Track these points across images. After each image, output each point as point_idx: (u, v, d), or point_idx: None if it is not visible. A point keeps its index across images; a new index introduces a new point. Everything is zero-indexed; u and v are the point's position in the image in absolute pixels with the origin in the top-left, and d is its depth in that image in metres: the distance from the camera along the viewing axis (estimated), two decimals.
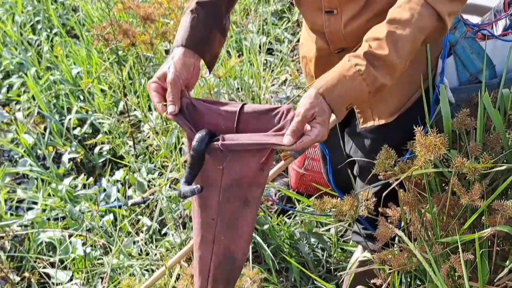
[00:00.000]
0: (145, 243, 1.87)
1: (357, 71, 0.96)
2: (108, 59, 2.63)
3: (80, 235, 1.89)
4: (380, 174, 1.12)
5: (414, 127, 1.09)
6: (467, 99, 1.17)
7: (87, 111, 2.56)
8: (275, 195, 2.03)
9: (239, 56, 2.82)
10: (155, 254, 1.83)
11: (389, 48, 0.96)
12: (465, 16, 1.24)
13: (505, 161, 1.07)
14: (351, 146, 1.35)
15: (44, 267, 1.87)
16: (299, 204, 1.96)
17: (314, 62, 1.31)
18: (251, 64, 2.62)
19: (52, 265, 1.84)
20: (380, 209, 1.20)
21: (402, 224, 1.18)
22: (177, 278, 1.54)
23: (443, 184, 1.15)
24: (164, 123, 2.36)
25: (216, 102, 1.09)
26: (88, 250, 1.83)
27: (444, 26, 0.98)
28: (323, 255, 1.84)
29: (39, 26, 3.26)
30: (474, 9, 1.28)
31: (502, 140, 1.06)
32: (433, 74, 1.17)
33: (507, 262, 1.06)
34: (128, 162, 2.22)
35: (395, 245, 1.24)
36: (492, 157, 1.02)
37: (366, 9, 1.14)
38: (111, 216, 1.97)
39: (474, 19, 1.29)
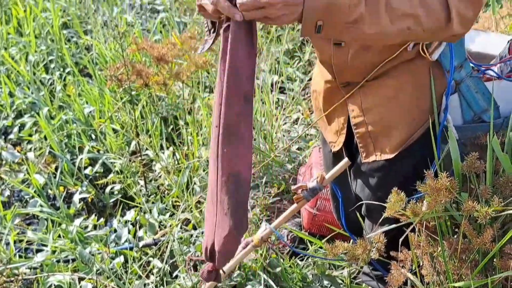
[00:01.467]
0: (156, 286, 1.91)
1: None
2: (121, 98, 2.73)
3: (90, 279, 1.94)
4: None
5: (418, 165, 1.15)
6: (471, 137, 1.21)
7: (98, 151, 2.65)
8: (288, 236, 2.07)
9: None
10: None
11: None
12: None
13: None
14: (356, 185, 1.40)
15: None
16: (311, 245, 2.00)
17: (322, 96, 1.38)
18: (263, 103, 2.70)
19: None
20: (391, 253, 1.24)
21: (413, 266, 1.21)
22: None
23: (454, 227, 1.19)
24: (176, 163, 2.44)
25: None
26: None
27: (449, 20, 0.99)
28: None
29: (52, 65, 3.39)
30: (480, 57, 1.33)
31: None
32: (438, 111, 1.21)
33: None
34: (139, 203, 2.28)
35: None
36: (502, 201, 1.07)
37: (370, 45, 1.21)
38: (121, 258, 2.02)
39: None
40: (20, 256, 2.17)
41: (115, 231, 2.20)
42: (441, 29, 1.01)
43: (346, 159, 1.40)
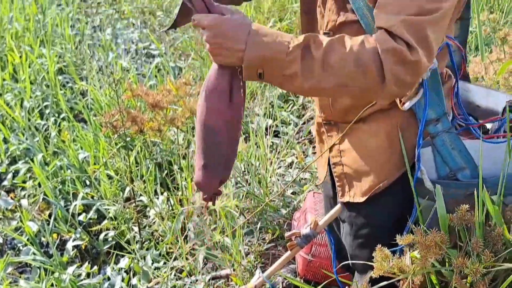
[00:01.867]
0: None
1: (292, 38, 1.00)
2: (116, 144, 2.77)
3: None
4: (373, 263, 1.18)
5: (392, 213, 1.17)
6: (445, 194, 1.17)
7: (92, 197, 2.66)
8: (282, 283, 2.07)
9: (245, 139, 2.95)
10: None
11: (321, 54, 0.99)
12: None
13: (506, 258, 1.12)
14: (343, 230, 1.42)
15: None
16: None
17: (315, 128, 1.43)
18: (257, 147, 2.74)
19: None
20: None
21: None
22: None
23: (442, 283, 1.19)
24: (170, 209, 2.45)
25: None
26: None
27: (383, 81, 0.98)
28: None
29: (47, 111, 3.44)
30: (491, 114, 1.33)
31: (503, 237, 1.11)
32: (411, 163, 1.21)
33: None
34: (133, 250, 2.29)
35: None
36: (494, 255, 1.07)
37: None
38: None
39: None
40: None
41: (109, 279, 2.20)
42: (377, 89, 0.99)
43: (339, 205, 1.42)
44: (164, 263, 2.22)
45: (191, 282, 2.04)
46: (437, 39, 1.01)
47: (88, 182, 2.79)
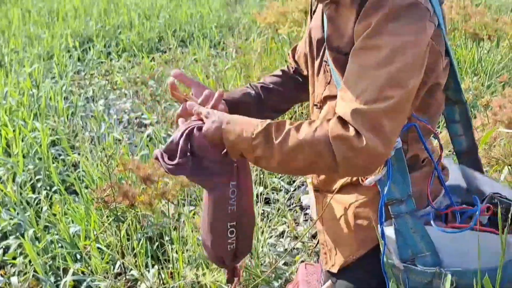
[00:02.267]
0: None
1: (258, 125, 1.11)
2: (107, 217, 2.80)
3: None
4: None
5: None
6: (407, 278, 1.17)
7: (83, 272, 2.67)
8: None
9: None
10: None
11: (279, 141, 1.07)
12: None
13: None
14: None
15: None
16: None
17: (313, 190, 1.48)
18: None
19: None
20: None
21: None
22: None
23: None
24: (161, 283, 2.45)
25: None
26: None
27: (336, 165, 1.02)
28: None
29: (39, 184, 3.48)
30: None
31: None
32: (376, 241, 1.20)
33: None
34: None
35: None
36: None
37: None
38: None
39: None
40: None
41: None
42: (333, 171, 1.04)
43: (329, 282, 1.45)
44: None
45: None
46: (396, 124, 1.04)
47: (79, 257, 2.80)
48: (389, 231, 1.18)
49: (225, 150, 1.17)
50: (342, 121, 1.02)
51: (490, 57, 4.84)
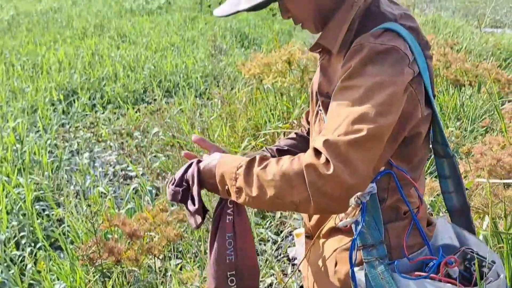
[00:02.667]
0: None
1: (246, 158, 1.20)
2: (93, 274, 2.80)
3: None
4: None
5: None
6: None
7: None
8: None
9: None
10: None
11: (258, 171, 1.16)
12: None
13: None
14: None
15: None
16: None
17: None
18: None
19: None
20: None
21: None
22: None
23: None
24: None
25: None
26: None
27: (309, 200, 1.08)
28: None
29: (23, 241, 3.48)
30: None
31: None
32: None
33: None
34: None
35: None
36: None
37: None
38: None
39: None
40: None
41: None
42: (306, 202, 1.09)
43: None
44: None
45: None
46: (366, 158, 1.07)
47: None
48: (360, 275, 1.22)
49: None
50: (315, 151, 1.09)
51: (472, 102, 4.99)
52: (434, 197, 2.69)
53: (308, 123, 1.63)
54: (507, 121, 3.08)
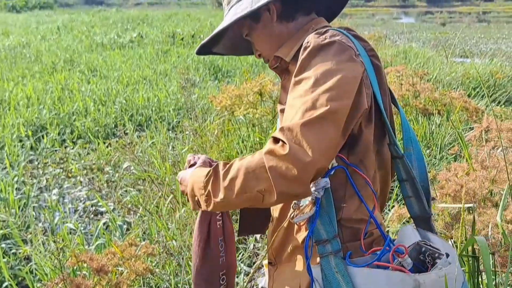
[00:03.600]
0: None
1: (208, 173, 1.30)
2: None
3: None
4: None
5: None
6: None
7: None
8: None
9: None
10: None
11: (223, 171, 1.25)
12: None
13: None
14: None
15: None
16: None
17: None
18: None
19: None
20: None
21: None
22: None
23: None
24: None
25: None
26: None
27: (270, 184, 1.14)
28: None
29: None
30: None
31: None
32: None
33: None
34: None
35: None
36: None
37: (281, 219, 1.44)
38: None
39: None
40: None
41: None
42: (270, 189, 1.15)
43: None
44: None
45: None
46: (320, 137, 1.13)
47: None
48: (316, 271, 1.27)
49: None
50: (273, 139, 1.17)
51: (440, 130, 5.14)
52: (402, 223, 2.77)
53: None
54: (472, 147, 3.19)
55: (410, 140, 1.43)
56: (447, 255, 1.26)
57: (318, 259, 1.27)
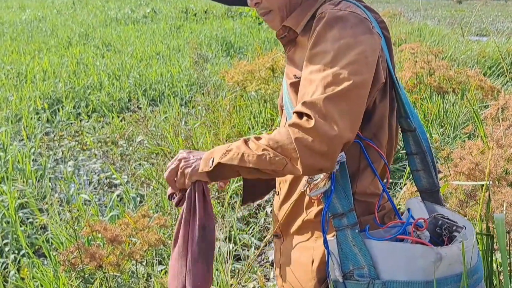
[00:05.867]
0: None
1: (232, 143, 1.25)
2: (76, 279, 2.83)
3: None
4: None
5: None
6: None
7: None
8: None
9: None
10: None
11: (253, 141, 1.21)
12: None
13: None
14: None
15: None
16: None
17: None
18: (218, 272, 2.84)
19: None
20: None
21: None
22: None
23: None
24: None
25: None
26: None
27: (296, 154, 1.12)
28: None
29: (6, 248, 3.50)
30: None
31: None
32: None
33: None
34: None
35: None
36: None
37: (290, 193, 1.42)
38: None
39: None
40: None
41: None
42: (295, 161, 1.13)
43: None
44: None
45: None
46: (344, 111, 1.12)
47: None
48: (332, 245, 1.26)
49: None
50: (298, 114, 1.15)
51: (455, 109, 5.09)
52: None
53: None
54: (487, 126, 3.15)
55: (411, 114, 1.41)
56: (464, 227, 1.26)
57: (333, 233, 1.27)
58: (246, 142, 1.23)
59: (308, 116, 1.11)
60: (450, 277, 1.20)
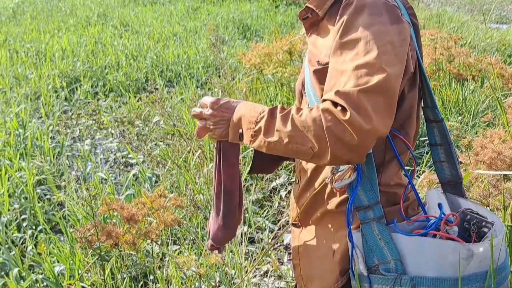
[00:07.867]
0: None
1: (264, 108, 1.21)
2: (92, 256, 2.85)
3: None
4: None
5: None
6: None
7: None
8: None
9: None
10: None
11: (280, 117, 1.16)
12: None
13: None
14: None
15: None
16: None
17: None
18: (233, 254, 2.85)
19: None
20: None
21: None
22: None
23: None
24: None
25: None
26: None
27: (325, 141, 1.07)
28: None
29: (24, 224, 3.54)
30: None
31: None
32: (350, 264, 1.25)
33: None
34: None
35: None
36: None
37: (311, 182, 1.39)
38: None
39: None
40: None
41: None
42: (323, 148, 1.08)
43: None
44: None
45: None
46: (379, 104, 1.08)
47: None
48: (356, 237, 1.22)
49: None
50: (332, 102, 1.09)
51: (474, 97, 5.00)
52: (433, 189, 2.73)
53: None
54: (509, 115, 3.09)
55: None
56: (492, 223, 1.23)
57: (357, 225, 1.24)
58: (273, 115, 1.18)
59: (343, 107, 1.07)
60: (480, 274, 1.17)
